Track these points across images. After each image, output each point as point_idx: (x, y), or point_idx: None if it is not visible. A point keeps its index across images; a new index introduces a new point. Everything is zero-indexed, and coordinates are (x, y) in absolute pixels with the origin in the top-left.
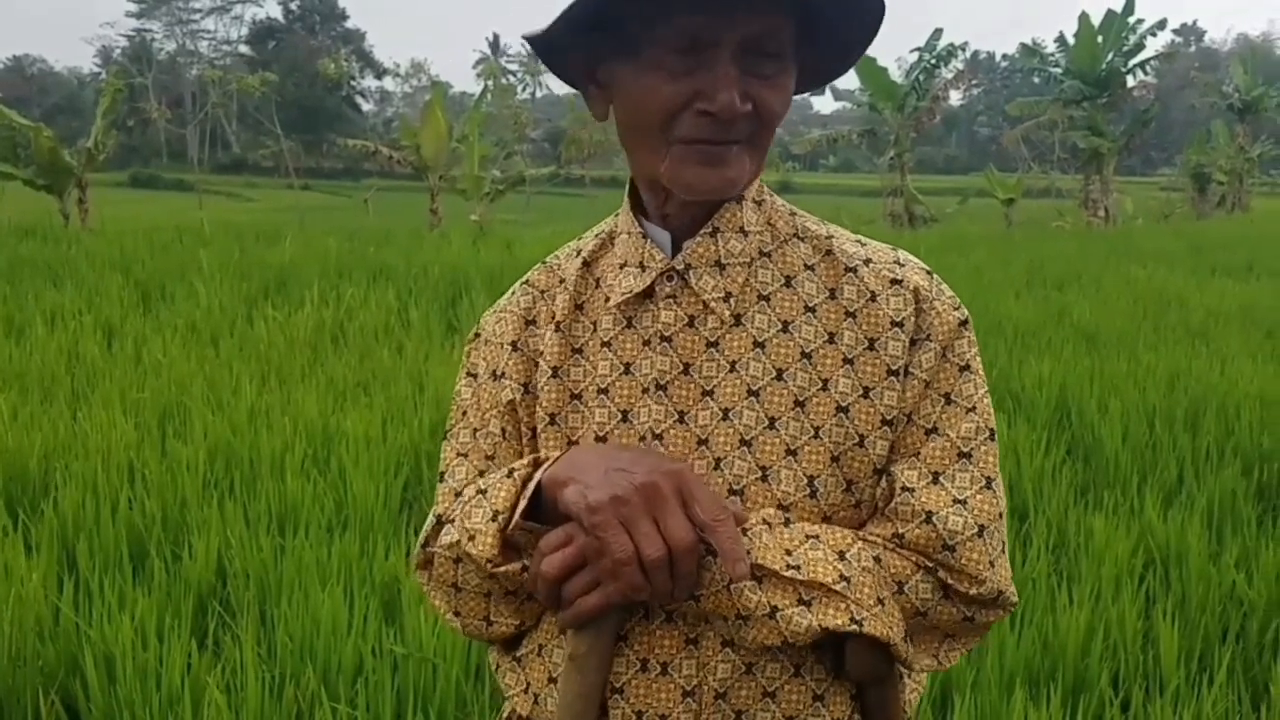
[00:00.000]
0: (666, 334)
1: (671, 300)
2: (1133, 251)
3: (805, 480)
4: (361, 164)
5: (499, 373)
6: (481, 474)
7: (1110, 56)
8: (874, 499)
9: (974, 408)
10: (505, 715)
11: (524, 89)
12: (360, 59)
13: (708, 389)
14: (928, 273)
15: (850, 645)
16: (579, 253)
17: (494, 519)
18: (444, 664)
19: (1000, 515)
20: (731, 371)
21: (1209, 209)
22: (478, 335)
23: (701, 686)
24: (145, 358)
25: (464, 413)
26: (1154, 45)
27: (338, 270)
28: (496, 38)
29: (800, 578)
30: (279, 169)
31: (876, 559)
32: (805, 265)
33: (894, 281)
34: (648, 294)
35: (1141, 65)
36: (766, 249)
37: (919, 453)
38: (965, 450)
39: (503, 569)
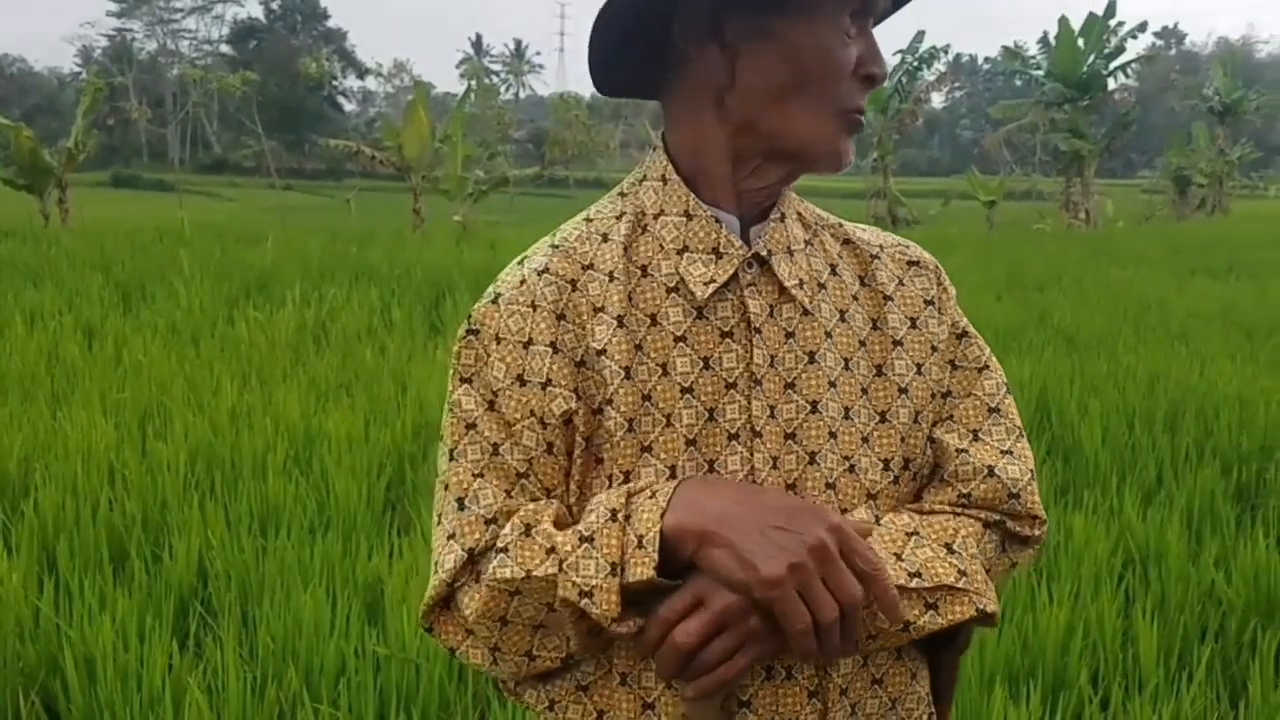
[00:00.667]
0: (757, 324)
1: (754, 289)
2: (1113, 253)
3: (882, 465)
4: (344, 164)
5: (536, 379)
6: (510, 494)
7: (1091, 59)
8: (920, 469)
9: (986, 365)
10: None
11: (507, 89)
12: (342, 58)
13: (789, 380)
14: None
15: (963, 625)
16: (605, 237)
17: (613, 573)
18: (427, 664)
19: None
20: (811, 363)
21: (1189, 211)
22: (474, 331)
23: (825, 685)
24: (125, 358)
25: (469, 426)
26: (1135, 48)
27: (320, 270)
28: (479, 38)
29: (926, 584)
30: (260, 169)
31: (968, 536)
32: (837, 254)
33: (911, 263)
34: (725, 282)
35: (1122, 68)
36: (807, 237)
37: (952, 415)
38: (994, 406)
39: (621, 628)
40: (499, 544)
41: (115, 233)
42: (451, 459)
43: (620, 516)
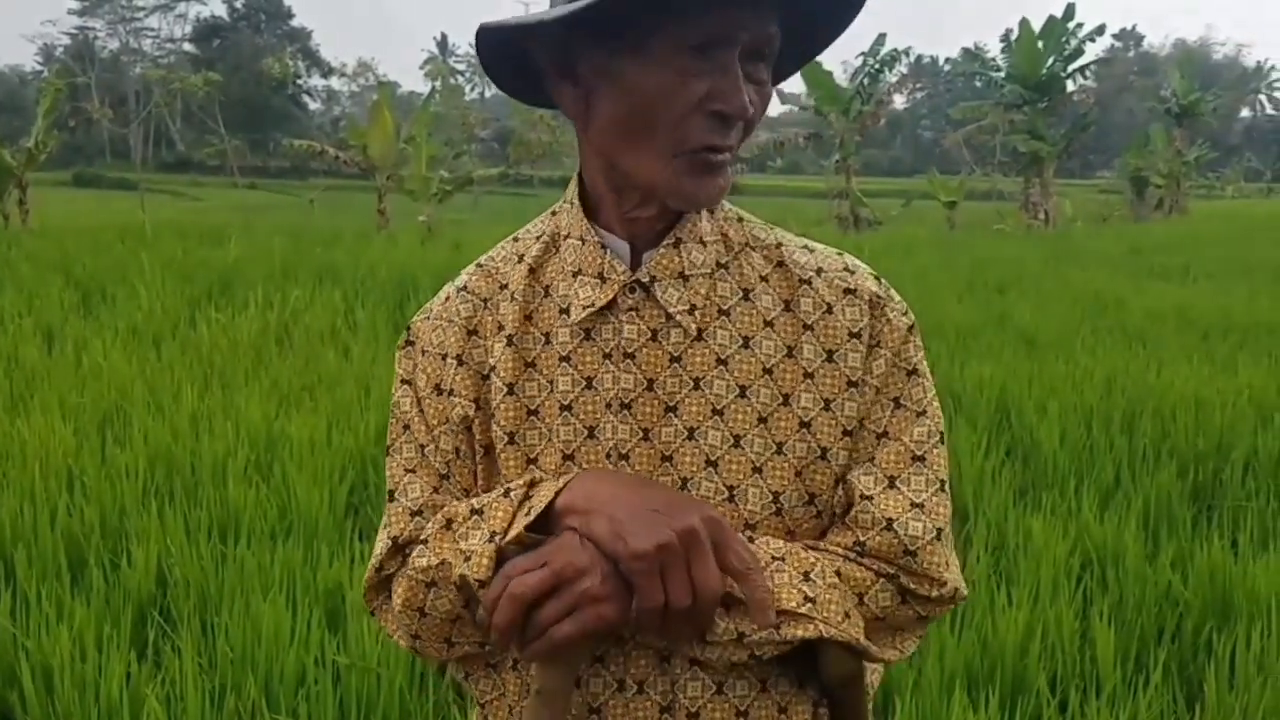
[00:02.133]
0: (630, 349)
1: (634, 313)
2: (1072, 254)
3: (771, 497)
4: (308, 163)
5: (446, 388)
6: (436, 490)
7: (1050, 61)
8: (832, 508)
9: (924, 411)
10: None
11: (472, 89)
12: (306, 58)
13: (671, 405)
14: (877, 279)
15: (823, 652)
16: (520, 258)
17: (491, 539)
18: (387, 673)
19: (950, 516)
20: (695, 389)
21: (1147, 212)
22: (410, 342)
23: (675, 705)
24: (85, 361)
25: (405, 426)
26: (1093, 50)
27: (283, 271)
28: (445, 37)
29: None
30: (224, 168)
31: (838, 573)
32: (760, 277)
33: (848, 291)
34: (607, 306)
35: (1081, 70)
36: (723, 260)
37: (874, 458)
38: (918, 454)
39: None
40: (422, 535)
41: (76, 233)
42: (389, 455)
43: (513, 495)
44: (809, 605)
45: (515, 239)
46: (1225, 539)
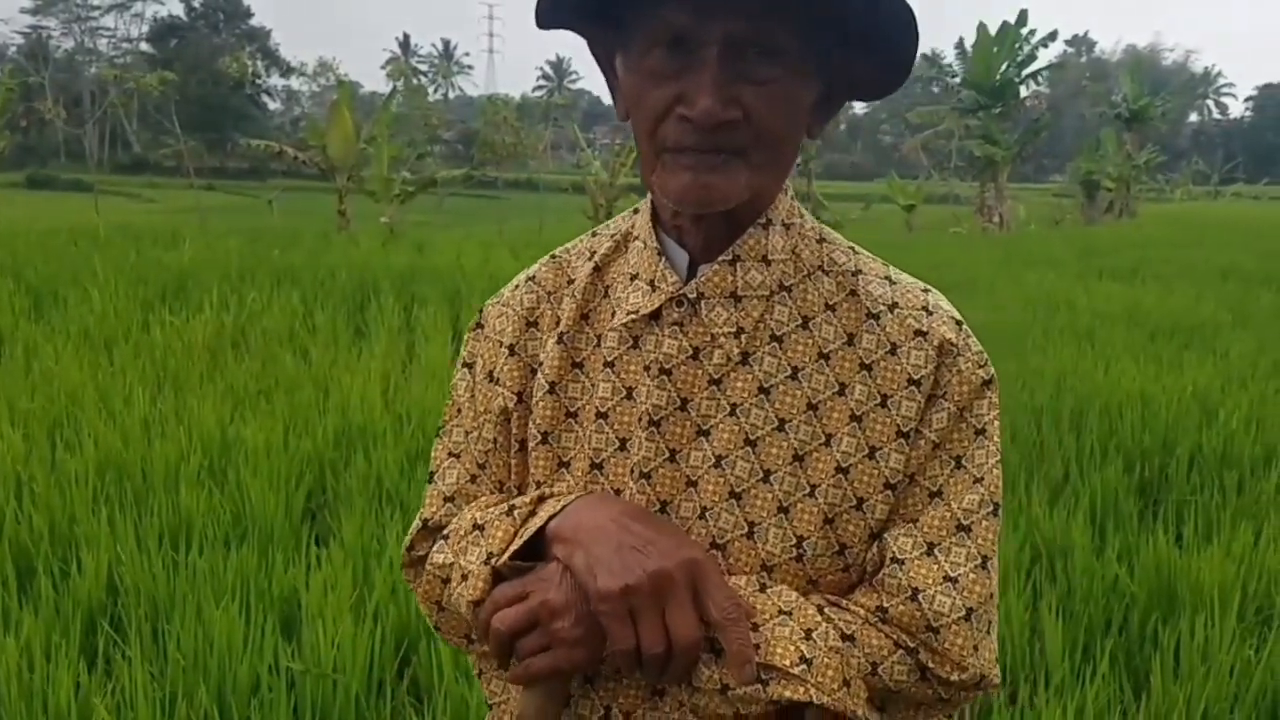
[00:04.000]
0: (667, 365)
1: (678, 328)
2: (1025, 256)
3: (794, 541)
4: (267, 164)
5: (495, 376)
6: (473, 479)
7: (1004, 67)
8: (864, 564)
9: (982, 479)
10: None
11: (435, 89)
12: (265, 57)
13: (704, 428)
14: (957, 324)
15: (810, 714)
16: (592, 254)
17: (487, 562)
18: (343, 679)
19: (991, 596)
20: (731, 415)
21: (1098, 215)
22: (480, 325)
23: None
24: (35, 366)
25: (459, 410)
26: (1046, 56)
27: (240, 273)
28: (407, 37)
29: (758, 659)
30: (181, 169)
31: (850, 637)
32: (826, 305)
33: (918, 333)
34: (655, 315)
35: (1034, 75)
36: (788, 282)
37: (917, 519)
38: (965, 524)
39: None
40: (446, 530)
41: (28, 235)
42: (438, 435)
43: (517, 513)
44: (803, 667)
45: (594, 234)
46: (1170, 533)
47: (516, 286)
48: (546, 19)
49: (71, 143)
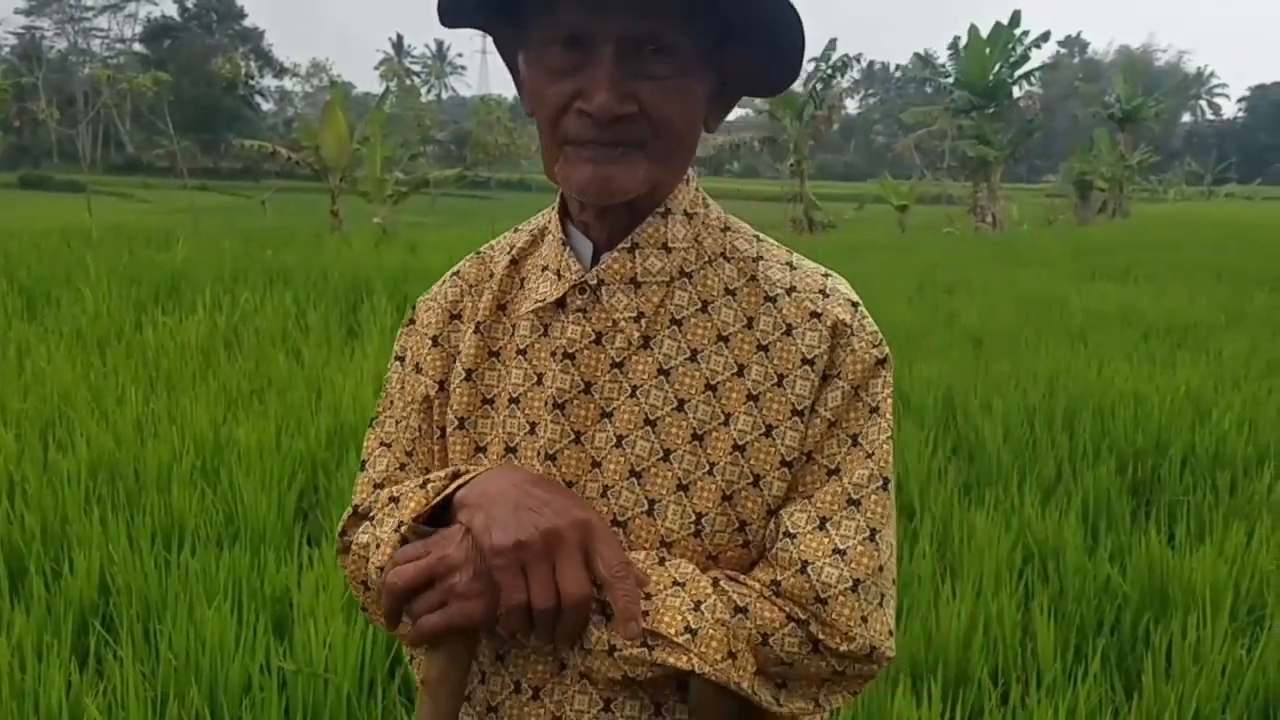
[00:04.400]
0: (570, 350)
1: (581, 315)
2: (1018, 257)
3: (693, 518)
4: (260, 165)
5: (420, 367)
6: (403, 467)
7: (997, 68)
8: (763, 540)
9: (873, 454)
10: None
11: (429, 90)
12: (259, 58)
13: (607, 410)
14: (853, 305)
15: (693, 686)
16: (511, 248)
17: (397, 529)
18: (334, 679)
19: (880, 569)
20: (632, 397)
21: (1091, 215)
22: (412, 321)
23: (565, 716)
24: (28, 366)
25: (390, 401)
26: (1039, 57)
27: (233, 274)
28: (400, 38)
29: (646, 626)
30: (174, 170)
31: (743, 609)
32: (726, 289)
33: (813, 314)
34: (561, 303)
35: (1027, 76)
36: (689, 269)
37: (812, 495)
38: (855, 497)
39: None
40: (371, 512)
41: (21, 236)
42: (371, 426)
43: (430, 487)
44: (687, 636)
45: (516, 230)
46: (1163, 533)
47: (443, 282)
48: (449, 18)
49: (65, 143)
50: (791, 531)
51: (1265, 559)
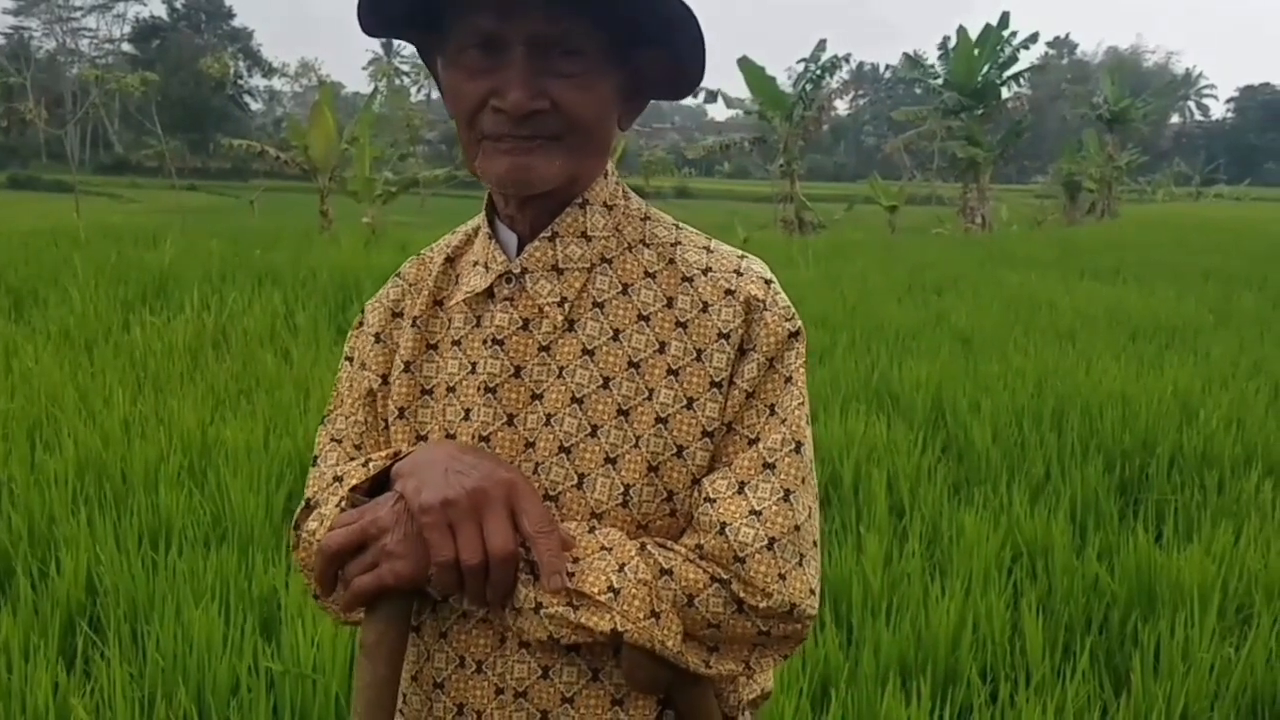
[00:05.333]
0: (499, 336)
1: (508, 302)
2: (1007, 257)
3: (621, 489)
4: (249, 165)
5: (364, 364)
6: (351, 459)
7: (986, 69)
8: (689, 508)
9: (785, 419)
10: None
11: (418, 90)
12: (247, 58)
13: (537, 393)
14: (766, 282)
15: (624, 651)
16: (448, 247)
17: (339, 506)
18: (323, 679)
19: (795, 528)
20: (559, 377)
21: (1080, 216)
22: (361, 323)
23: (507, 685)
24: (15, 367)
25: (340, 399)
26: (1028, 58)
27: (221, 274)
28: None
29: (569, 585)
30: (162, 170)
31: (668, 571)
32: (646, 273)
33: (727, 292)
34: (490, 294)
35: (1016, 77)
36: (609, 255)
37: (731, 462)
38: (770, 461)
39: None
40: (317, 499)
41: (8, 236)
42: (322, 423)
43: (372, 465)
44: (610, 595)
45: (455, 231)
46: (1150, 532)
47: (388, 284)
48: (372, 28)
49: (53, 143)
50: (712, 497)
51: (1253, 558)
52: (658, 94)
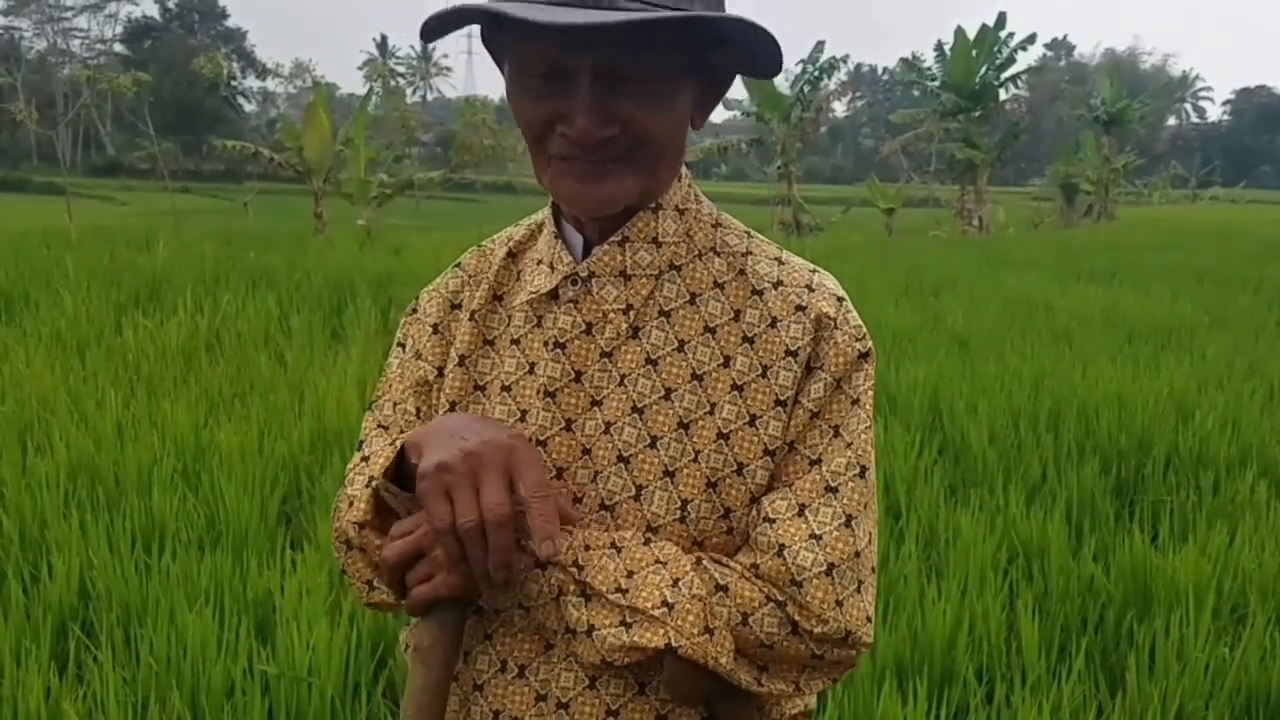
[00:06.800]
0: (561, 340)
1: (572, 305)
2: (1004, 259)
3: (679, 503)
4: (243, 166)
5: (419, 353)
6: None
7: (983, 70)
8: (746, 526)
9: (851, 443)
10: None
11: (414, 91)
12: (241, 58)
13: (597, 399)
14: (838, 300)
15: (669, 665)
16: (509, 241)
17: (369, 484)
18: (318, 682)
19: (856, 554)
20: (620, 385)
21: (1077, 218)
22: (415, 310)
23: (549, 694)
24: (6, 370)
25: (389, 385)
26: (1025, 60)
27: (214, 276)
28: (385, 39)
29: (624, 602)
30: (155, 171)
31: (724, 588)
32: (715, 283)
33: (798, 308)
34: (554, 295)
35: (1013, 79)
36: (679, 262)
37: (793, 483)
38: (833, 485)
39: (368, 535)
40: (349, 478)
41: None
42: (369, 409)
43: (399, 441)
44: (664, 609)
45: (518, 224)
46: (1146, 532)
47: (447, 273)
48: (434, 36)
49: (44, 145)
50: (771, 517)
51: (1248, 558)
52: (744, 72)
